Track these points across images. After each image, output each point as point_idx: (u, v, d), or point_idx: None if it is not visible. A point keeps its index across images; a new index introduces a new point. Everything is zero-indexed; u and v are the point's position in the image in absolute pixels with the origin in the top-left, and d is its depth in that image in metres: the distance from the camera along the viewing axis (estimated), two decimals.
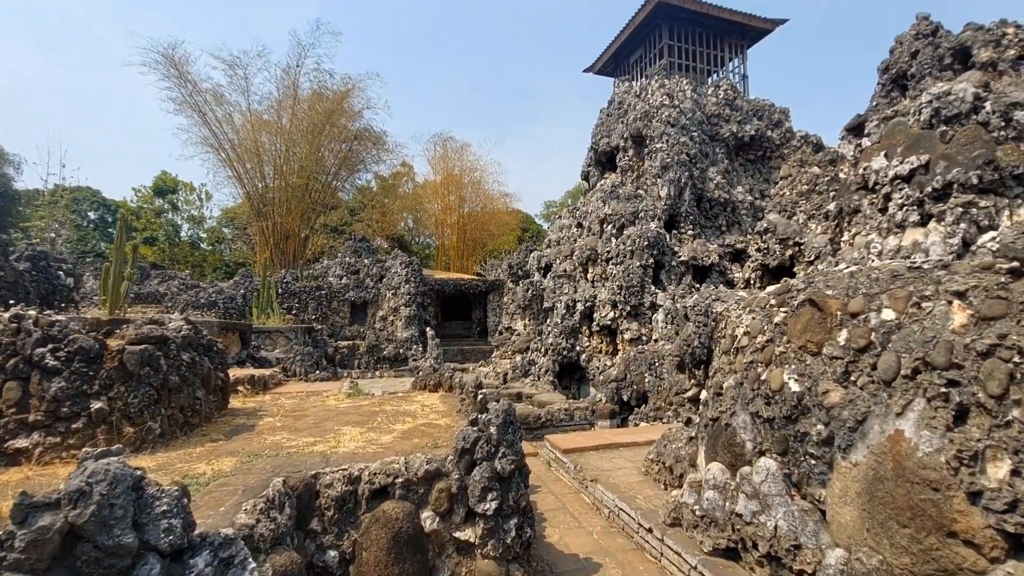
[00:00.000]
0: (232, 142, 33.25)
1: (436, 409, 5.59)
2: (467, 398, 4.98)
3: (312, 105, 35.00)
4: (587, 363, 12.60)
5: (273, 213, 32.99)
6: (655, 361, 9.04)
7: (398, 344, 18.66)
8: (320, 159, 34.99)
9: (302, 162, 34.21)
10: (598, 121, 16.87)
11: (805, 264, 10.83)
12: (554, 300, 13.98)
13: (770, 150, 15.71)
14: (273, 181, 33.43)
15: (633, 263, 11.87)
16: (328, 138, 35.43)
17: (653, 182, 13.73)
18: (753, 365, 3.88)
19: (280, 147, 33.70)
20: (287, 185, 33.64)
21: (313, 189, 35.74)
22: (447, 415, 5.18)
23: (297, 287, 21.09)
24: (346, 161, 36.77)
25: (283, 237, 33.39)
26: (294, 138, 34.21)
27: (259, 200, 33.19)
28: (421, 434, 4.35)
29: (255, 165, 33.38)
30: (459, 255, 42.37)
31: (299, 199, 33.91)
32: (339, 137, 35.14)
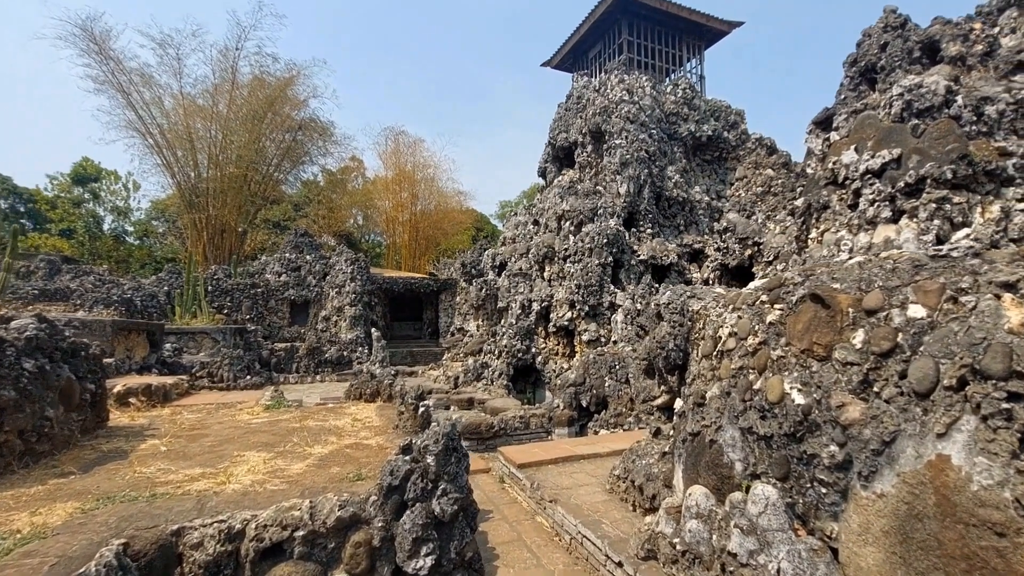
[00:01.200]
0: (161, 127, 30.74)
1: (370, 424, 4.73)
2: (406, 411, 4.16)
3: (253, 91, 32.88)
4: (543, 366, 11.97)
5: (207, 205, 30.73)
6: (615, 364, 8.49)
7: (342, 346, 17.42)
8: (260, 149, 32.91)
9: (240, 151, 32.05)
10: (556, 116, 16.35)
11: (764, 264, 10.64)
12: (509, 300, 13.29)
13: (726, 151, 15.68)
14: (207, 171, 31.13)
15: (592, 261, 11.35)
16: (270, 127, 33.39)
17: (612, 179, 13.30)
18: (743, 372, 3.29)
19: (216, 134, 31.42)
20: (223, 175, 31.40)
21: (252, 181, 33.58)
22: (382, 432, 4.35)
23: (229, 284, 19.41)
24: (289, 152, 34.79)
25: (218, 231, 31.14)
26: (232, 125, 32.00)
27: (191, 191, 30.82)
28: (345, 460, 3.50)
29: (187, 152, 30.99)
30: (411, 254, 41.04)
31: (236, 191, 31.74)
32: (282, 126, 33.19)
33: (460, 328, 15.95)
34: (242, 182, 32.14)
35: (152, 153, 31.05)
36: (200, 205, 30.32)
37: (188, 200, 30.75)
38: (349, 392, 6.02)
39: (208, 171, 31.28)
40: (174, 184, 31.24)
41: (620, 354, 8.60)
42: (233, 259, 22.45)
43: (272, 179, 34.94)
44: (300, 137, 35.73)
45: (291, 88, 33.63)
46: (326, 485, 2.87)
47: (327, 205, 42.70)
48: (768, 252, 10.55)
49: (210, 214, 30.53)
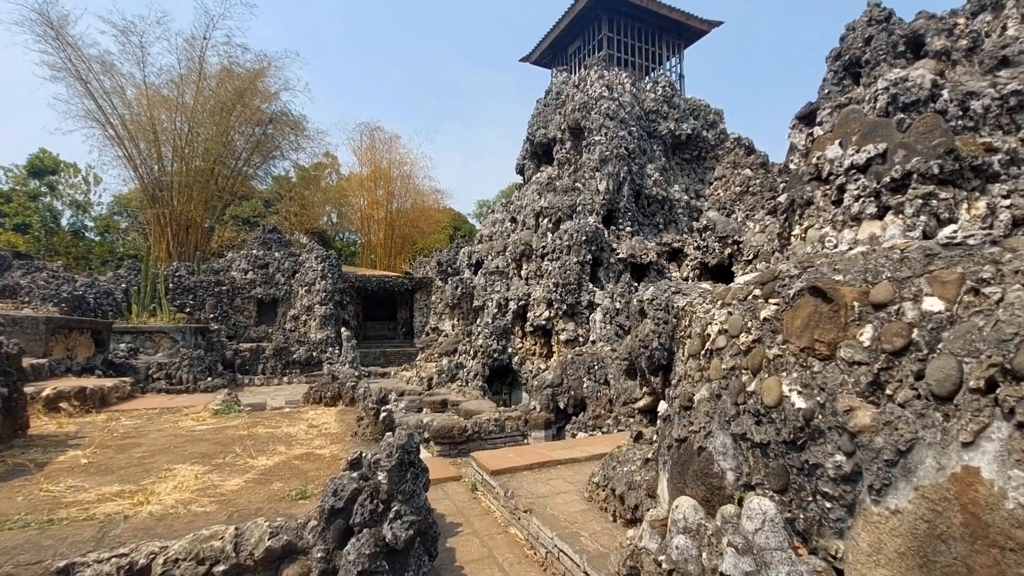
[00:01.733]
0: (123, 118, 29.46)
1: (327, 431, 4.31)
2: (367, 416, 3.76)
3: (221, 82, 31.79)
4: (519, 366, 11.64)
5: (171, 199, 29.55)
6: (594, 364, 8.21)
7: (311, 346, 16.77)
8: (229, 142, 31.85)
9: (207, 144, 30.96)
10: (535, 111, 16.05)
11: (743, 263, 10.52)
12: (485, 298, 12.92)
13: (705, 150, 15.62)
14: (172, 164, 29.94)
15: (570, 259, 11.06)
16: (239, 120, 32.34)
17: (591, 175, 13.05)
18: (735, 372, 3.00)
19: (181, 126, 30.26)
20: (189, 169, 30.27)
21: (220, 175, 32.48)
22: (339, 440, 3.93)
23: (192, 282, 18.54)
24: (259, 146, 33.76)
25: (183, 227, 29.98)
26: (198, 117, 30.88)
27: (154, 184, 29.59)
28: (291, 473, 3.08)
29: (150, 145, 29.78)
30: (387, 253, 40.28)
31: (203, 185, 30.64)
32: (251, 119, 32.16)
33: (435, 328, 15.51)
34: (209, 176, 31.05)
35: (113, 145, 29.74)
36: (164, 199, 29.13)
37: (151, 194, 29.53)
38: (308, 395, 5.57)
39: (173, 164, 30.11)
40: (136, 177, 29.98)
41: (599, 354, 8.32)
42: (197, 255, 21.51)
43: (241, 174, 33.85)
44: (271, 131, 34.69)
45: (261, 80, 32.64)
46: (262, 506, 2.46)
47: (299, 202, 41.62)
48: (748, 251, 10.43)
49: (174, 209, 29.38)
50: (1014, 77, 5.85)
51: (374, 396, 4.05)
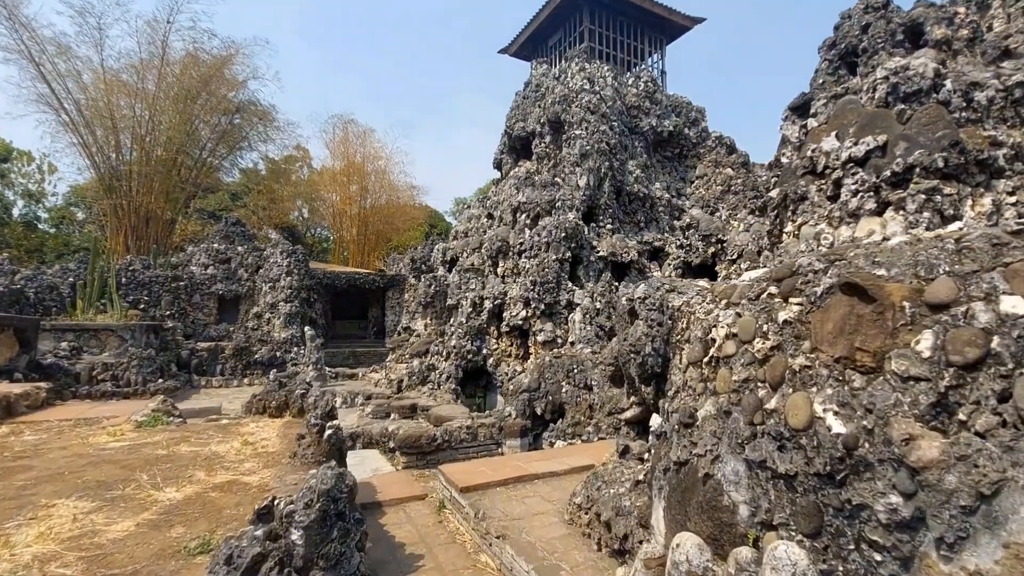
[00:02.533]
0: (78, 103, 27.82)
1: (263, 449, 3.67)
2: (309, 435, 3.14)
3: (185, 69, 30.38)
4: (494, 368, 11.08)
5: (130, 190, 28.06)
6: (574, 368, 7.70)
7: (274, 346, 15.88)
8: (192, 131, 30.45)
9: (170, 133, 29.52)
10: (513, 104, 15.51)
11: (727, 262, 10.19)
12: (459, 297, 12.31)
13: (687, 148, 15.33)
14: (131, 152, 28.42)
15: (548, 256, 10.55)
16: (204, 108, 30.97)
17: (571, 170, 12.58)
18: (749, 385, 2.51)
19: (142, 113, 28.76)
20: (149, 158, 28.80)
21: (183, 165, 31.04)
22: (274, 462, 3.31)
23: (147, 276, 17.40)
24: (225, 136, 32.40)
25: (142, 219, 28.47)
26: (161, 105, 29.42)
27: (111, 174, 28.04)
28: (201, 511, 2.45)
29: (108, 132, 28.22)
30: (360, 250, 39.19)
31: (164, 176, 29.22)
32: (217, 108, 30.81)
33: (407, 327, 14.83)
34: (171, 166, 29.64)
35: (67, 131, 28.13)
36: (121, 190, 27.62)
37: (107, 184, 27.98)
38: (251, 404, 4.90)
39: (131, 153, 28.60)
40: (91, 166, 28.36)
41: (579, 357, 7.82)
42: (153, 248, 20.29)
43: (205, 164, 32.44)
44: (238, 121, 33.34)
45: (229, 67, 31.30)
46: (143, 567, 1.84)
47: (268, 195, 40.19)
48: (732, 250, 10.10)
49: (133, 200, 27.88)
50: (1019, 68, 5.57)
51: (321, 408, 3.43)
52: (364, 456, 6.41)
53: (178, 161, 29.82)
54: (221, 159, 34.19)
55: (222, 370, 15.26)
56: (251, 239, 20.35)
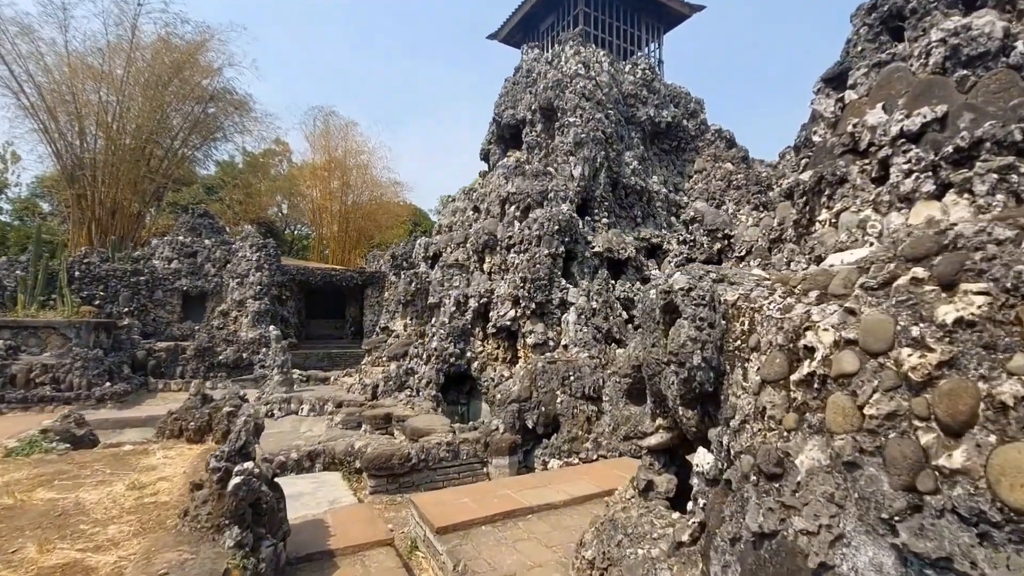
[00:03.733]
0: (39, 87, 26.15)
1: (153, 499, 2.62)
2: (209, 486, 2.11)
3: (157, 54, 28.81)
4: (480, 373, 10.08)
5: (95, 180, 26.47)
6: (570, 374, 6.75)
7: (241, 346, 14.65)
8: (164, 119, 28.88)
9: (139, 121, 27.94)
10: (502, 91, 14.54)
11: (735, 259, 9.34)
12: (442, 295, 11.29)
13: (685, 141, 14.52)
14: (96, 140, 26.81)
15: (540, 251, 9.60)
16: (176, 96, 29.41)
17: (564, 160, 11.64)
18: (898, 424, 1.57)
19: (108, 99, 27.17)
20: (116, 147, 27.21)
21: (153, 156, 29.45)
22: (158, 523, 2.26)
23: (104, 270, 16.02)
24: (199, 126, 30.84)
25: (108, 212, 26.86)
26: (129, 91, 27.82)
27: (74, 162, 26.41)
28: None
29: (72, 118, 26.60)
30: (341, 247, 37.83)
31: (132, 165, 27.62)
32: (190, 96, 29.26)
33: (385, 327, 13.76)
34: (139, 156, 28.04)
35: (27, 116, 26.41)
36: (84, 179, 26.00)
37: (69, 173, 26.33)
38: (165, 425, 3.82)
39: (97, 141, 26.99)
40: (52, 153, 26.67)
41: (576, 362, 6.86)
42: (112, 240, 18.87)
43: (177, 155, 30.85)
44: (212, 110, 31.82)
45: (203, 54, 29.80)
46: None
47: (244, 189, 38.62)
48: (740, 246, 9.25)
49: (98, 190, 26.29)
50: None
51: (233, 442, 2.40)
52: (323, 481, 5.36)
53: (147, 151, 28.25)
54: (194, 149, 32.59)
55: (182, 372, 14.00)
56: (220, 232, 19.04)
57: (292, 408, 10.02)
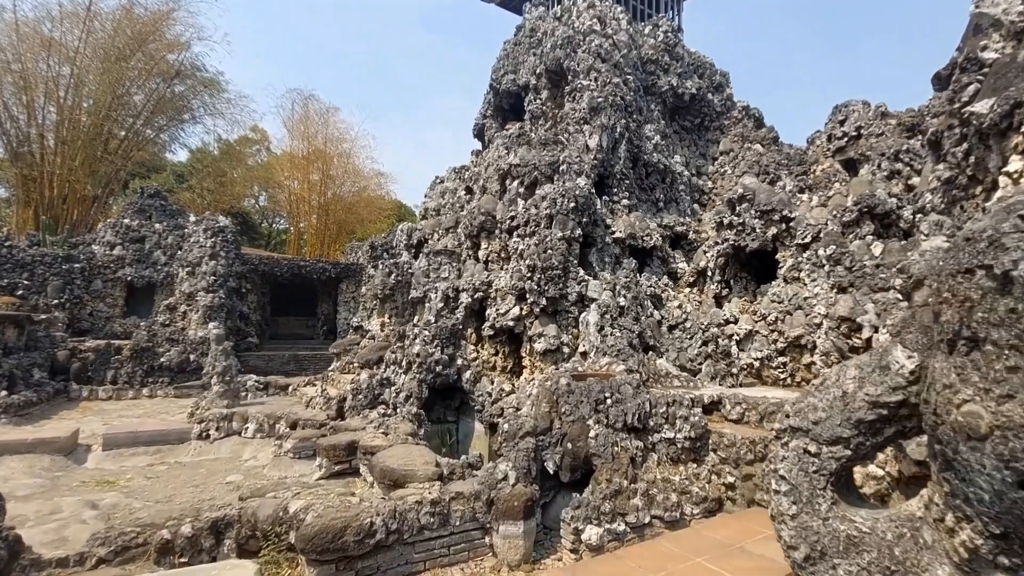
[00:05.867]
0: None
1: None
2: None
3: (119, 25, 26.25)
4: (472, 385, 8.09)
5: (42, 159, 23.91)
6: (605, 396, 4.79)
7: (188, 346, 12.43)
8: (124, 95, 26.32)
9: (96, 96, 25.40)
10: (501, 54, 12.58)
11: (796, 247, 7.49)
12: (427, 288, 9.27)
13: (709, 118, 12.70)
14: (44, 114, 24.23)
15: (552, 234, 7.63)
16: (139, 71, 26.87)
17: (577, 129, 9.72)
18: None
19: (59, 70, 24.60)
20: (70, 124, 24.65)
21: (112, 136, 26.88)
22: None
23: (30, 256, 13.66)
24: (165, 104, 28.33)
25: (57, 195, 24.26)
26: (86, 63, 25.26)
27: (18, 137, 23.81)
28: None
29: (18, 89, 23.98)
30: (320, 241, 35.46)
31: (87, 145, 25.05)
32: (154, 71, 26.75)
33: (358, 327, 11.68)
34: (97, 135, 25.48)
35: None
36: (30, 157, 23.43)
37: (13, 149, 23.70)
38: None
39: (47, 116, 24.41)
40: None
41: (614, 379, 4.91)
42: (44, 221, 16.45)
43: (139, 135, 28.27)
44: (180, 88, 29.35)
45: (169, 26, 27.29)
46: None
47: (217, 178, 36.02)
48: (803, 231, 7.40)
49: (46, 169, 23.71)
50: None
51: None
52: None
53: (105, 129, 25.69)
54: (159, 131, 30.04)
55: (114, 376, 11.73)
56: (174, 216, 16.73)
57: (234, 427, 7.91)
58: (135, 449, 7.14)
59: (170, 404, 11.02)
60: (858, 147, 9.50)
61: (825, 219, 7.38)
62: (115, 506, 5.19)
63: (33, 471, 6.11)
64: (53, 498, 5.36)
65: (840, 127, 9.81)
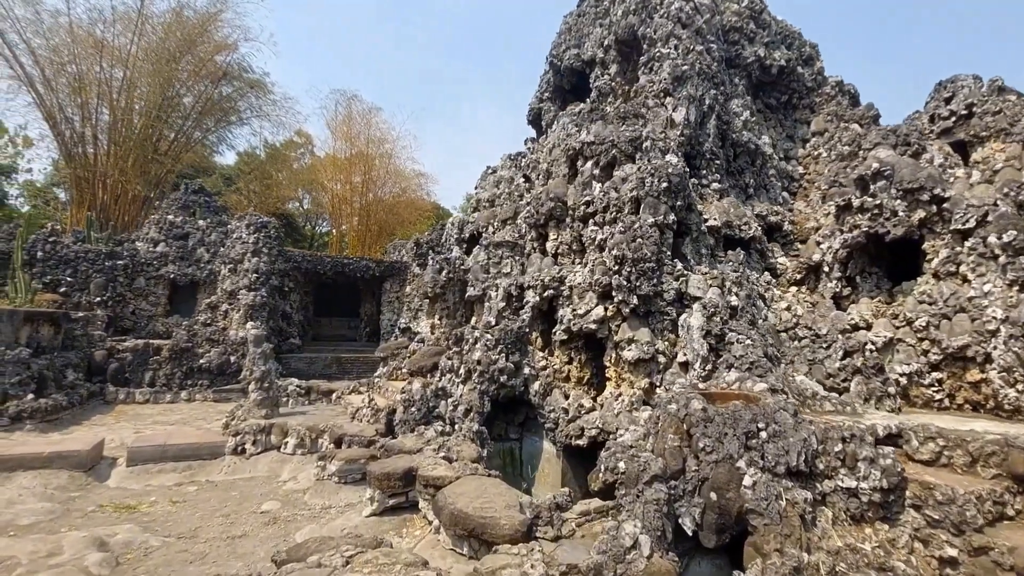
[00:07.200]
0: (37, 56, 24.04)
1: None
2: None
3: (169, 27, 26.54)
4: (541, 399, 6.90)
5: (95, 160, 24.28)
6: (757, 427, 3.49)
7: (228, 347, 11.75)
8: (174, 97, 26.56)
9: (147, 97, 25.69)
10: (562, 28, 11.39)
11: (953, 234, 5.96)
12: (486, 285, 8.16)
13: (798, 95, 11.13)
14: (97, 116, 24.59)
15: (643, 219, 6.36)
16: (188, 72, 27.09)
17: (658, 103, 8.43)
18: None
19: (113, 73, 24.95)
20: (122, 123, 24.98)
21: (163, 137, 27.20)
22: None
23: (73, 252, 13.36)
24: (213, 106, 28.53)
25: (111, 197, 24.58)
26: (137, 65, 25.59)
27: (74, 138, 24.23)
28: None
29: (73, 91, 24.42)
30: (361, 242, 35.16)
31: (139, 146, 25.35)
32: (201, 72, 26.92)
33: (406, 328, 10.69)
34: (148, 136, 25.80)
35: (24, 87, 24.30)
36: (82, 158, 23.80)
37: (68, 150, 24.16)
38: None
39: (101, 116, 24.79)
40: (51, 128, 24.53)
41: (764, 405, 3.61)
42: (88, 217, 16.28)
43: (189, 137, 28.59)
44: (228, 90, 29.54)
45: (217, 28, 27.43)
46: None
47: (263, 180, 36.34)
48: (962, 214, 5.87)
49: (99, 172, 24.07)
50: None
51: None
52: None
53: (156, 131, 26.01)
54: (207, 133, 30.39)
55: (152, 378, 11.14)
56: (218, 212, 16.30)
57: (272, 441, 6.98)
58: (163, 465, 6.28)
59: (208, 409, 10.31)
60: (969, 127, 7.80)
61: (993, 198, 5.83)
62: (128, 545, 4.22)
63: (46, 491, 5.27)
64: (59, 530, 4.47)
65: (946, 105, 8.12)
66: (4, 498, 4.89)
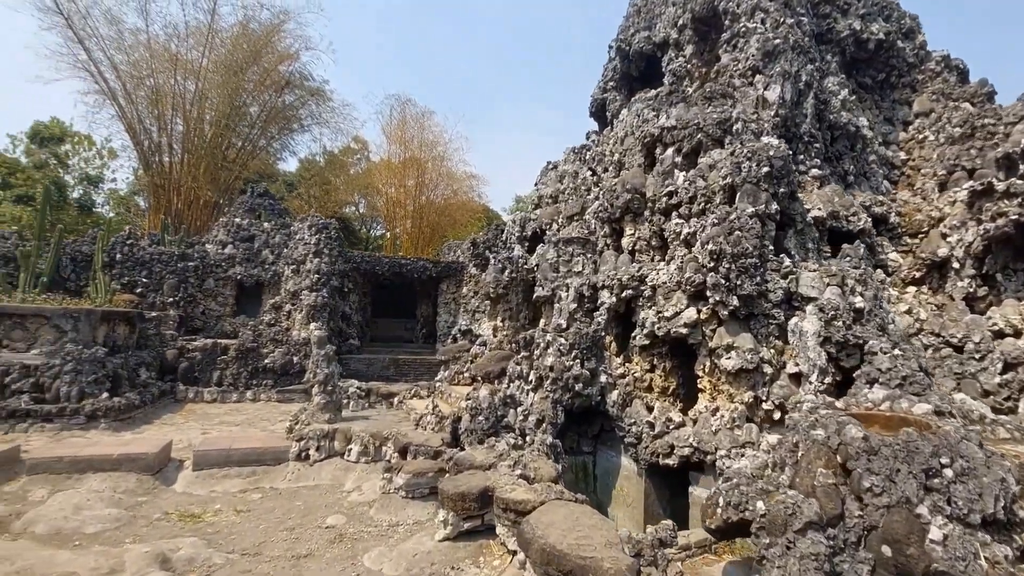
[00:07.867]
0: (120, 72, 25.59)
1: None
2: None
3: (236, 40, 27.69)
4: (620, 410, 6.25)
5: (170, 168, 25.62)
6: (941, 463, 2.70)
7: (291, 348, 11.78)
8: (241, 107, 27.68)
9: (217, 108, 26.90)
10: (630, 11, 10.68)
11: None
12: (556, 285, 7.59)
13: (898, 72, 9.90)
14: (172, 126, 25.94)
15: (740, 210, 5.59)
16: (254, 83, 28.18)
17: (746, 82, 7.59)
18: None
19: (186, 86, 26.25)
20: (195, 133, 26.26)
21: (231, 145, 28.43)
22: None
23: (148, 254, 13.87)
24: (276, 115, 29.55)
25: (184, 202, 25.88)
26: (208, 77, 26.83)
27: (151, 148, 25.65)
28: None
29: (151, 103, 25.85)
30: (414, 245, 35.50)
31: (209, 155, 26.58)
32: (265, 82, 27.93)
33: (466, 330, 10.28)
34: (217, 144, 27.02)
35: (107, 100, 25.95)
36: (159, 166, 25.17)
37: (145, 159, 25.60)
38: None
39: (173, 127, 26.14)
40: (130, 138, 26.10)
41: (944, 433, 2.84)
42: (163, 220, 16.96)
43: (255, 145, 29.76)
44: (290, 99, 30.52)
45: (278, 38, 28.38)
46: None
47: (322, 185, 37.50)
48: None
49: (173, 179, 25.40)
50: None
51: None
52: None
53: (224, 139, 27.22)
54: (271, 140, 31.56)
55: (220, 378, 11.30)
56: (282, 215, 16.61)
57: (335, 448, 6.71)
58: (227, 470, 6.10)
59: (272, 410, 10.29)
60: None
61: None
62: (191, 562, 3.94)
63: (114, 496, 5.14)
64: (123, 540, 4.26)
65: None
66: (73, 503, 4.77)
